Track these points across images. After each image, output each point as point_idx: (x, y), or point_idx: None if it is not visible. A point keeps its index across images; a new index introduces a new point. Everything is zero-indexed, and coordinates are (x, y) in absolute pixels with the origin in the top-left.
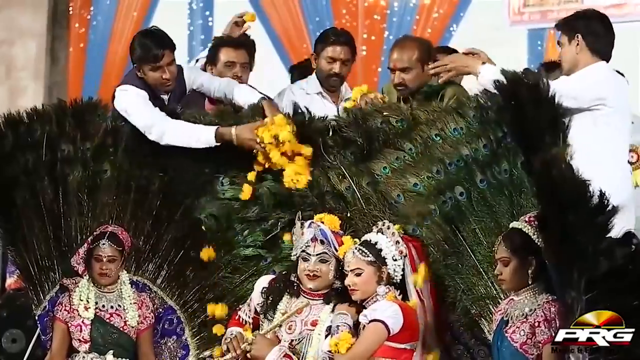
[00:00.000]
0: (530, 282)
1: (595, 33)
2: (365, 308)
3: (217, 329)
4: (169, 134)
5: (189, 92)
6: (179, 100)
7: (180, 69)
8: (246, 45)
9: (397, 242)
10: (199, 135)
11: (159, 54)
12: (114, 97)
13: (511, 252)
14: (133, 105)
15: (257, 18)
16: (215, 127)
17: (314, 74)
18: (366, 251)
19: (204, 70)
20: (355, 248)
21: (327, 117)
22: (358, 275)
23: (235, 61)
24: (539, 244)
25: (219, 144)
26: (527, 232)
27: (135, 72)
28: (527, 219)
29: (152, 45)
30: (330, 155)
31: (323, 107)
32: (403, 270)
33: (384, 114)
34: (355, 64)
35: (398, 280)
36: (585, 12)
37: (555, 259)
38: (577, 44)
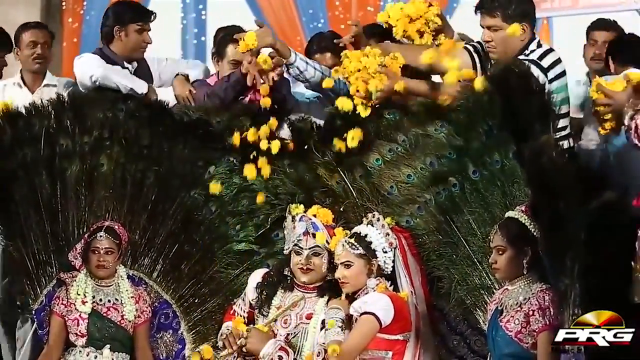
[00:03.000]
0: (524, 272)
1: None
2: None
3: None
4: (105, 73)
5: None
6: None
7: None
8: None
9: (387, 234)
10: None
11: (151, 13)
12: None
13: (507, 241)
14: (84, 61)
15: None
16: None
17: None
18: (355, 244)
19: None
20: (345, 241)
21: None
22: (348, 267)
23: (242, 60)
24: (534, 233)
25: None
26: (523, 221)
27: (100, 50)
28: (522, 209)
29: (141, 6)
30: (322, 149)
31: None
32: (394, 261)
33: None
34: None
35: (389, 272)
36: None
37: (548, 246)
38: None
